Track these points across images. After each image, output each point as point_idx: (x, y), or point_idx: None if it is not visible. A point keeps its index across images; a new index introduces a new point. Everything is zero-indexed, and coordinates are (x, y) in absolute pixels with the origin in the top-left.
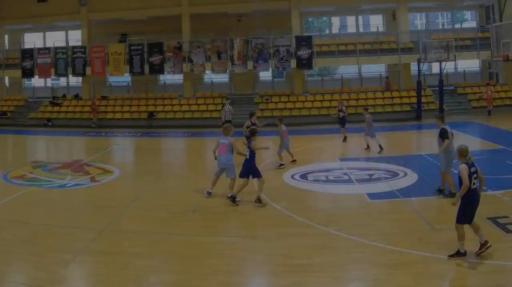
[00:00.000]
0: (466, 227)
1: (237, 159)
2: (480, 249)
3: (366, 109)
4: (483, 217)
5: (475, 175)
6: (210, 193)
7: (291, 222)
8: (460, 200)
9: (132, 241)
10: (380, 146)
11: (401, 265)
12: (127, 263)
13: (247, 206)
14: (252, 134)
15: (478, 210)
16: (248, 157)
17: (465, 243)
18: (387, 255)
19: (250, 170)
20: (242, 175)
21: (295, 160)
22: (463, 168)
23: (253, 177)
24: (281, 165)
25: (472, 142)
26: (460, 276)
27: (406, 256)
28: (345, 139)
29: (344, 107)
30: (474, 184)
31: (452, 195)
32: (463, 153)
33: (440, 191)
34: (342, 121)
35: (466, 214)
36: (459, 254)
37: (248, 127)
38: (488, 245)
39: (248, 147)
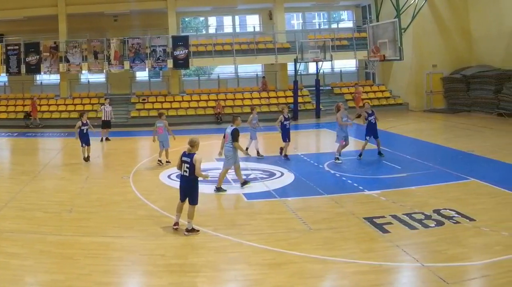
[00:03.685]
0: None
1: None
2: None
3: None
4: (359, 217)
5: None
6: None
7: (167, 222)
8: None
9: (8, 241)
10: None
11: (277, 265)
12: (3, 263)
13: (123, 206)
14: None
15: (355, 210)
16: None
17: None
18: (264, 255)
19: None
20: None
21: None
22: None
23: None
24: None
25: (349, 142)
26: (337, 276)
27: (283, 256)
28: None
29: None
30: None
31: (218, 189)
32: None
33: (219, 189)
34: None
35: None
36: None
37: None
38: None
39: None
